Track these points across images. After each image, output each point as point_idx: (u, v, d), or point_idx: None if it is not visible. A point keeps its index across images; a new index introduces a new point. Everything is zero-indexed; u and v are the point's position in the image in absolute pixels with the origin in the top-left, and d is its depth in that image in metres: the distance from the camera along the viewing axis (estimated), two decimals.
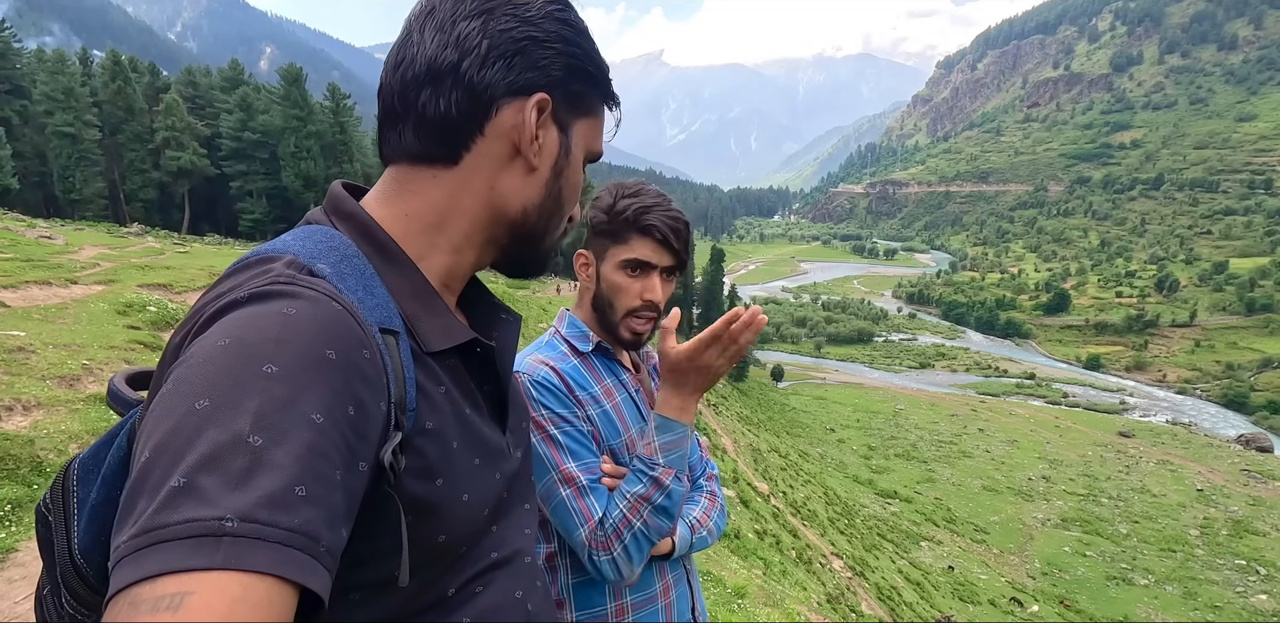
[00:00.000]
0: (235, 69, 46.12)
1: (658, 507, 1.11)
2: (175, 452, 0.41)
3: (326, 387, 0.47)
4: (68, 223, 26.36)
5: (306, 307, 0.50)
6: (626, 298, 1.24)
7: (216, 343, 0.47)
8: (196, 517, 0.38)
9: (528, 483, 0.78)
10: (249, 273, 0.55)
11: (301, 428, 0.44)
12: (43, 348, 4.74)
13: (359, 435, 0.49)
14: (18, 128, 35.29)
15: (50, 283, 7.99)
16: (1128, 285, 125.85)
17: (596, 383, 1.24)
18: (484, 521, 0.65)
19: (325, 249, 0.59)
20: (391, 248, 0.64)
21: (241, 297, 0.51)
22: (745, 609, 5.36)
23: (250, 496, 0.40)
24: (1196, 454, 54.44)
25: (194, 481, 0.40)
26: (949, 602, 23.46)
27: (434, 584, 0.61)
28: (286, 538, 0.40)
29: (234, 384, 0.44)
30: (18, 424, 3.57)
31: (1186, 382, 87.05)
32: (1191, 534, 37.68)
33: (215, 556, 0.37)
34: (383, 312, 0.59)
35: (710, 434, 25.35)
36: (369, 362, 0.52)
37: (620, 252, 1.23)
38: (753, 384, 62.06)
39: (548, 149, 0.67)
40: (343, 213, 0.65)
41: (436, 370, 0.63)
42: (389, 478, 0.52)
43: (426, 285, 0.65)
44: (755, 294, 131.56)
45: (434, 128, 0.63)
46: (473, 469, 0.64)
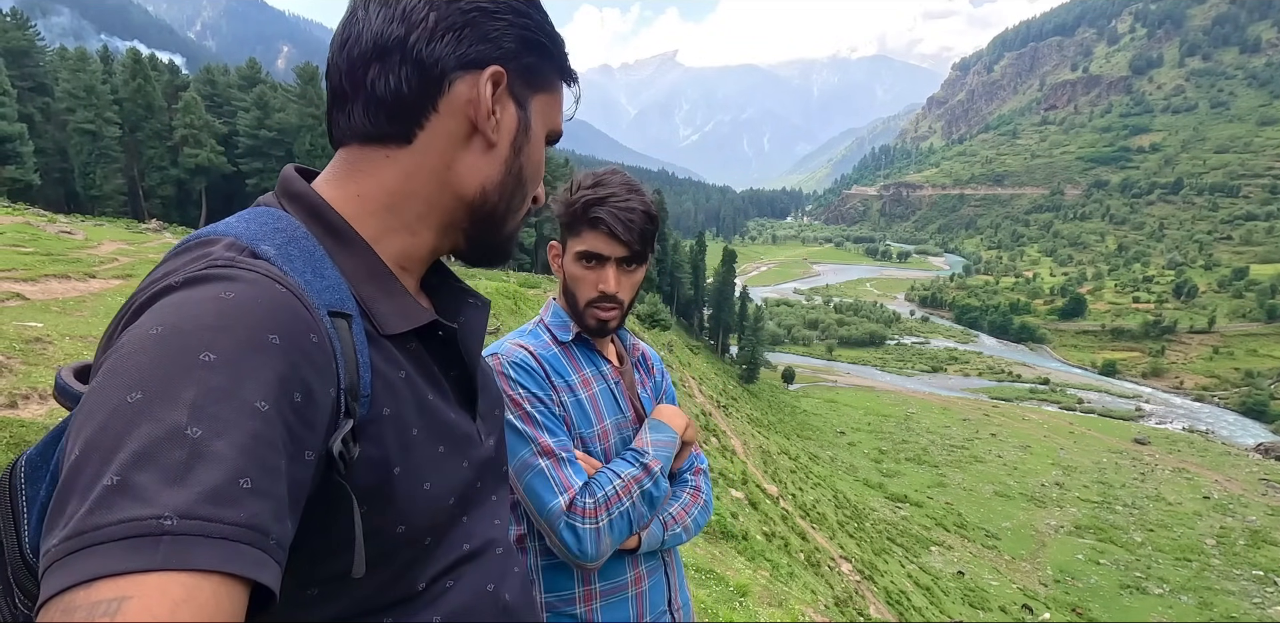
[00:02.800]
0: (253, 68, 46.56)
1: (645, 492, 1.13)
2: (107, 448, 0.39)
3: (270, 373, 0.45)
4: (88, 218, 26.69)
5: (246, 290, 0.48)
6: (584, 289, 1.25)
7: (149, 331, 0.44)
8: (132, 516, 0.36)
9: (499, 472, 0.76)
10: (186, 257, 0.53)
11: (244, 417, 0.42)
12: (59, 339, 4.81)
13: (306, 423, 0.47)
14: (40, 125, 35.81)
15: (69, 277, 8.10)
16: (1145, 291, 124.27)
17: (574, 372, 1.25)
18: (450, 510, 0.63)
19: (270, 230, 0.57)
20: (343, 229, 0.61)
21: (176, 281, 0.48)
22: (747, 608, 5.34)
23: (190, 491, 0.38)
24: (1214, 463, 53.71)
25: (128, 478, 0.38)
26: (959, 608, 23.28)
27: (400, 579, 0.59)
28: (233, 533, 0.38)
29: (168, 374, 0.42)
30: (35, 412, 3.63)
31: (1204, 389, 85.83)
32: (1208, 544, 37.17)
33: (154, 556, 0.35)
34: (333, 294, 0.56)
35: (720, 436, 25.30)
36: (316, 346, 0.50)
37: (575, 244, 1.24)
38: (763, 386, 61.91)
39: (506, 125, 0.65)
40: (291, 194, 0.63)
41: (396, 354, 0.61)
42: (339, 468, 0.50)
43: (382, 267, 0.63)
44: (767, 296, 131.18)
45: (384, 106, 0.60)
46: (436, 457, 0.61)
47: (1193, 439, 62.86)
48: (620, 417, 1.29)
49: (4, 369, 3.97)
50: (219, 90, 44.61)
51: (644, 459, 1.17)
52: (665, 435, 1.22)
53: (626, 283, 1.26)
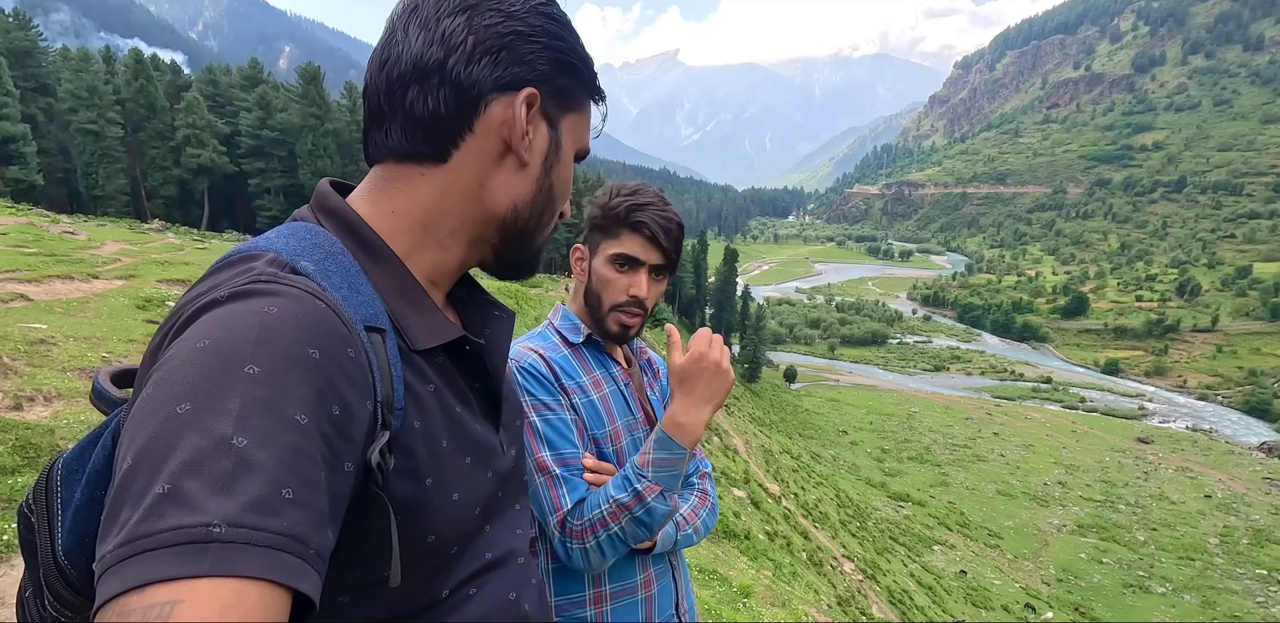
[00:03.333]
0: (255, 68, 46.58)
1: (636, 518, 1.10)
2: (158, 457, 0.41)
3: (309, 387, 0.46)
4: (91, 219, 26.75)
5: (288, 305, 0.49)
6: (614, 292, 1.25)
7: (196, 344, 0.46)
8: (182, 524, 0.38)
9: (521, 482, 0.77)
10: (230, 272, 0.54)
11: (284, 430, 0.43)
12: (64, 341, 4.82)
13: (344, 436, 0.48)
14: (43, 125, 35.85)
15: (72, 277, 8.12)
16: (1148, 289, 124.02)
17: (585, 373, 1.25)
18: (475, 520, 0.65)
19: (309, 246, 0.58)
20: (377, 245, 0.63)
21: (221, 296, 0.50)
22: (750, 609, 5.34)
23: (236, 500, 0.39)
24: (1217, 461, 53.59)
25: (178, 486, 0.39)
26: (961, 606, 23.25)
27: (426, 587, 0.61)
28: (275, 542, 0.40)
29: (215, 387, 0.43)
30: (39, 414, 3.64)
31: (1207, 388, 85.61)
32: (1211, 543, 37.09)
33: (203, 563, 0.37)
34: (368, 309, 0.58)
35: (722, 435, 25.29)
36: (353, 360, 0.51)
37: (610, 246, 1.25)
38: (765, 385, 61.89)
39: (538, 145, 0.66)
40: (328, 210, 0.64)
41: (425, 369, 0.62)
42: (377, 479, 0.52)
43: (413, 283, 0.64)
44: (769, 295, 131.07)
45: (422, 126, 0.62)
46: (463, 468, 0.63)
47: (1196, 438, 62.69)
48: (631, 419, 1.29)
49: (9, 371, 3.97)
50: (221, 90, 44.67)
51: (638, 486, 1.11)
52: (672, 453, 1.14)
53: (654, 291, 1.27)
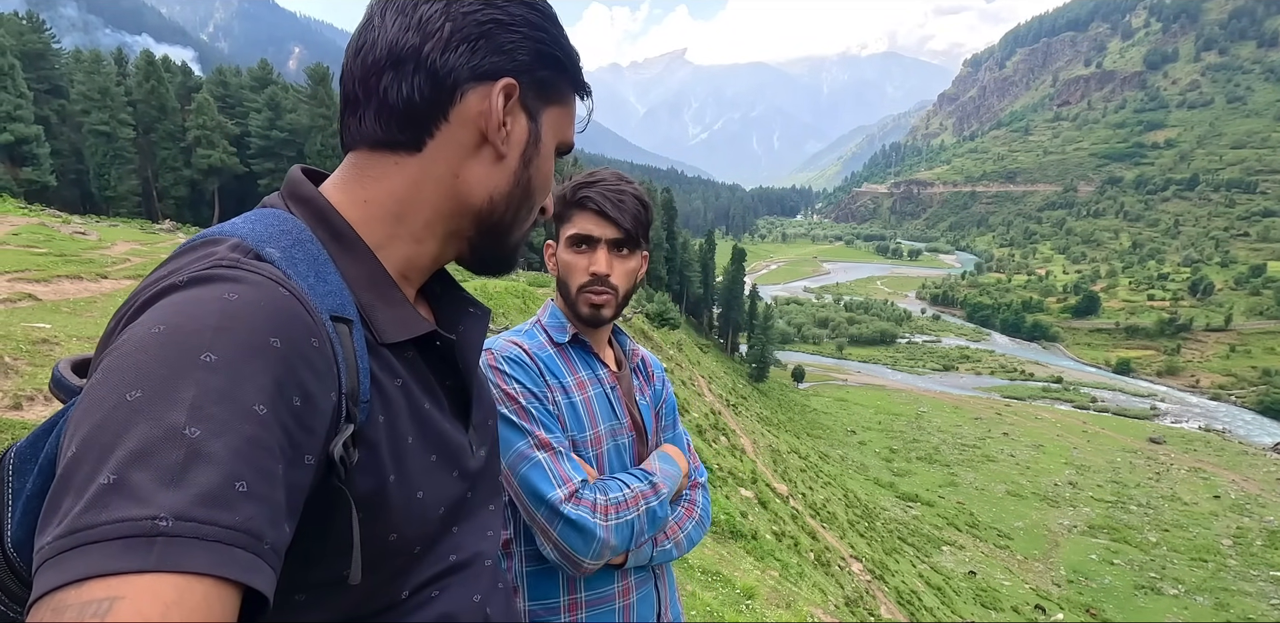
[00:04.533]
0: (264, 69, 46.81)
1: (651, 509, 1.12)
2: (104, 446, 0.39)
3: (269, 376, 0.45)
4: (102, 219, 26.96)
5: (249, 292, 0.48)
6: (576, 274, 1.24)
7: (150, 330, 0.44)
8: (127, 516, 0.36)
9: (493, 483, 0.75)
10: (191, 256, 0.53)
11: (241, 420, 0.42)
12: (67, 340, 4.83)
13: (304, 428, 0.47)
14: (56, 127, 36.16)
15: (81, 277, 8.16)
16: (1160, 288, 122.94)
17: (570, 374, 1.23)
18: (439, 521, 0.63)
19: (276, 233, 0.57)
20: (348, 234, 0.61)
21: (180, 281, 0.48)
22: (754, 610, 5.30)
23: (186, 492, 0.38)
24: (1230, 462, 53.10)
25: (124, 477, 0.37)
26: (970, 608, 23.12)
27: (386, 587, 0.59)
28: (227, 536, 0.38)
29: (169, 374, 0.41)
30: (39, 414, 3.64)
31: (1221, 388, 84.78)
32: (1224, 544, 36.75)
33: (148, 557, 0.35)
34: (335, 299, 0.56)
35: (729, 435, 25.23)
36: (317, 350, 0.50)
37: (566, 230, 1.25)
38: (773, 385, 61.75)
39: (516, 137, 0.65)
40: (299, 197, 0.63)
41: (393, 363, 0.61)
42: (339, 472, 0.50)
43: (384, 274, 0.63)
44: (777, 294, 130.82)
45: (396, 113, 0.61)
46: (428, 466, 0.61)
47: (1209, 438, 62.15)
48: (615, 423, 1.26)
49: (10, 370, 3.98)
50: (231, 91, 44.90)
51: (654, 479, 1.16)
52: (674, 468, 1.21)
53: (620, 269, 1.24)
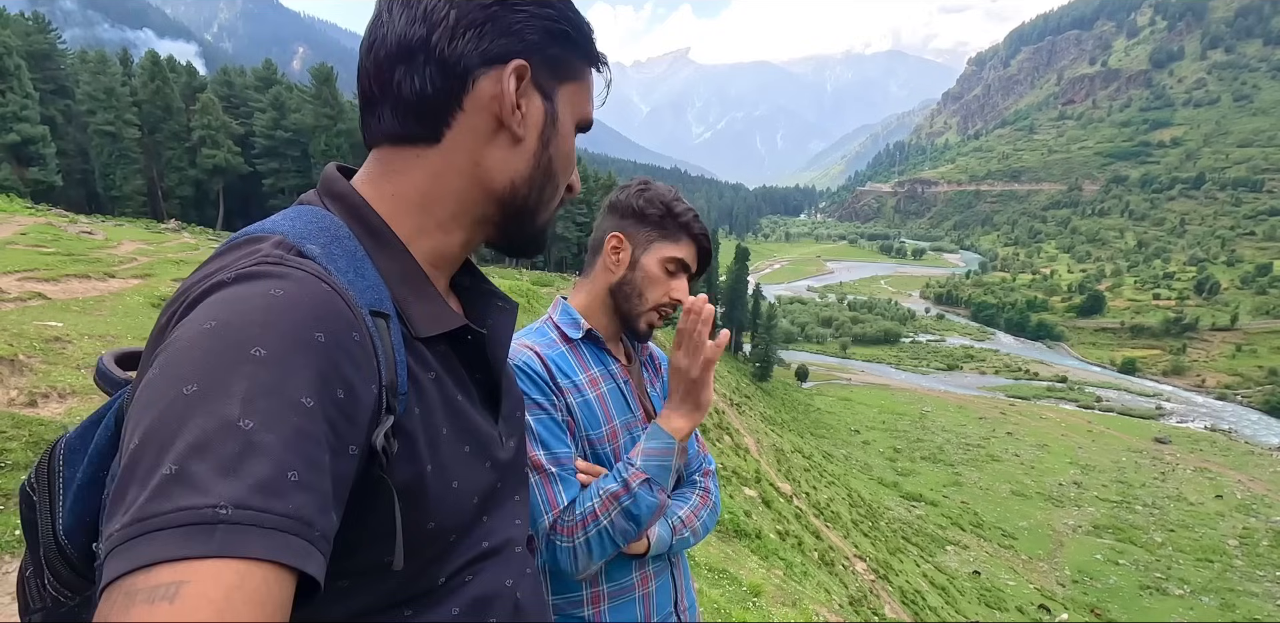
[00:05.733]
0: (269, 69, 46.95)
1: (625, 510, 1.10)
2: (165, 438, 0.41)
3: (314, 370, 0.46)
4: (108, 219, 27.06)
5: (294, 287, 0.49)
6: (658, 292, 1.26)
7: (202, 326, 0.46)
8: (189, 505, 0.38)
9: (521, 474, 0.77)
10: (236, 253, 0.54)
11: (290, 412, 0.43)
12: (78, 338, 4.87)
13: (349, 419, 0.49)
14: (62, 127, 36.32)
15: (89, 276, 8.21)
16: (1166, 287, 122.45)
17: (582, 371, 1.23)
18: (473, 509, 0.65)
19: (315, 229, 0.59)
20: (382, 229, 0.63)
21: (227, 277, 0.50)
22: (760, 608, 5.32)
23: (243, 482, 0.40)
24: (1236, 462, 52.90)
25: (185, 467, 0.39)
26: (975, 607, 23.09)
27: (423, 573, 0.61)
28: (281, 524, 0.40)
29: (221, 368, 0.43)
30: (53, 411, 3.68)
31: (1227, 387, 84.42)
32: (1230, 544, 36.61)
33: (210, 543, 0.37)
34: (374, 294, 0.58)
35: (733, 434, 25.24)
36: (359, 344, 0.51)
37: (668, 249, 1.26)
38: (777, 384, 61.71)
39: (532, 118, 0.65)
40: (334, 193, 0.64)
41: (427, 356, 0.62)
42: (381, 462, 0.52)
43: (417, 269, 0.64)
44: (780, 294, 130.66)
45: (411, 107, 0.61)
46: (463, 457, 0.63)
47: (1215, 438, 61.92)
48: (630, 416, 1.27)
49: (25, 368, 4.02)
50: (236, 91, 45.05)
51: (625, 474, 1.13)
52: (661, 442, 1.17)
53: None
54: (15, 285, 6.80)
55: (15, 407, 3.57)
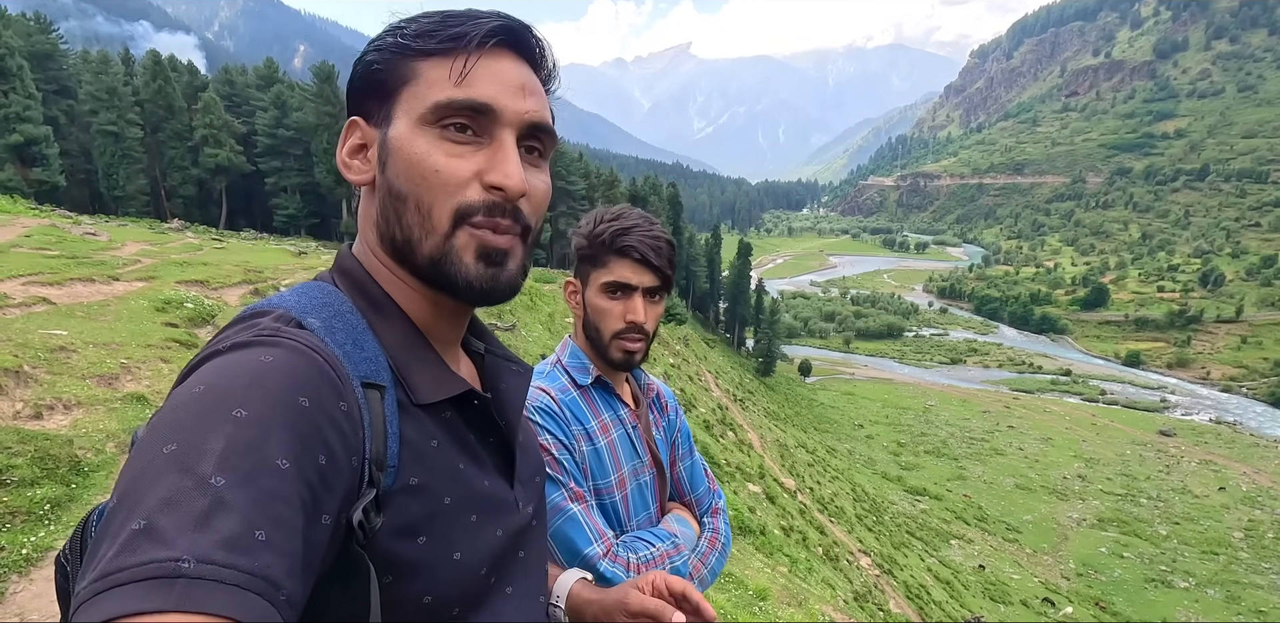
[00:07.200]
0: (270, 67, 46.88)
1: (675, 568, 1.16)
2: (137, 495, 0.41)
3: (294, 433, 0.46)
4: (112, 219, 27.10)
5: (284, 355, 0.50)
6: (611, 320, 1.23)
7: (192, 390, 0.47)
8: (153, 558, 0.38)
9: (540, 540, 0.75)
10: (240, 326, 0.56)
11: (264, 473, 0.43)
12: (83, 347, 4.88)
13: (326, 486, 0.48)
14: (65, 127, 36.32)
15: (94, 280, 8.20)
16: (1170, 280, 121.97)
17: (594, 417, 1.23)
18: (481, 580, 0.63)
19: (319, 304, 0.60)
20: (383, 301, 0.63)
21: (224, 346, 0.52)
22: (766, 612, 5.33)
23: (209, 537, 0.39)
24: (1242, 454, 52.79)
25: (153, 522, 0.39)
26: (979, 601, 23.14)
27: None
28: (245, 582, 0.39)
29: (201, 427, 0.44)
30: (59, 423, 3.69)
31: (1232, 379, 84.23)
32: (1235, 537, 36.59)
33: (169, 597, 0.36)
34: (370, 366, 0.58)
35: (736, 430, 25.27)
36: (345, 414, 0.52)
37: (601, 275, 1.23)
38: (780, 379, 61.69)
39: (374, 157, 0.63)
40: (341, 269, 0.66)
41: (428, 423, 0.61)
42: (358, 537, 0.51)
43: (418, 336, 0.64)
44: (783, 288, 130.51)
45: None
46: (467, 526, 0.61)
47: (1220, 431, 61.78)
48: (637, 462, 1.27)
49: (30, 379, 4.03)
50: (237, 90, 45.03)
51: (676, 541, 1.19)
52: (689, 529, 1.26)
53: (652, 314, 1.25)
54: (20, 290, 6.81)
55: (20, 420, 3.58)
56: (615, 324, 1.23)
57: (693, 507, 1.36)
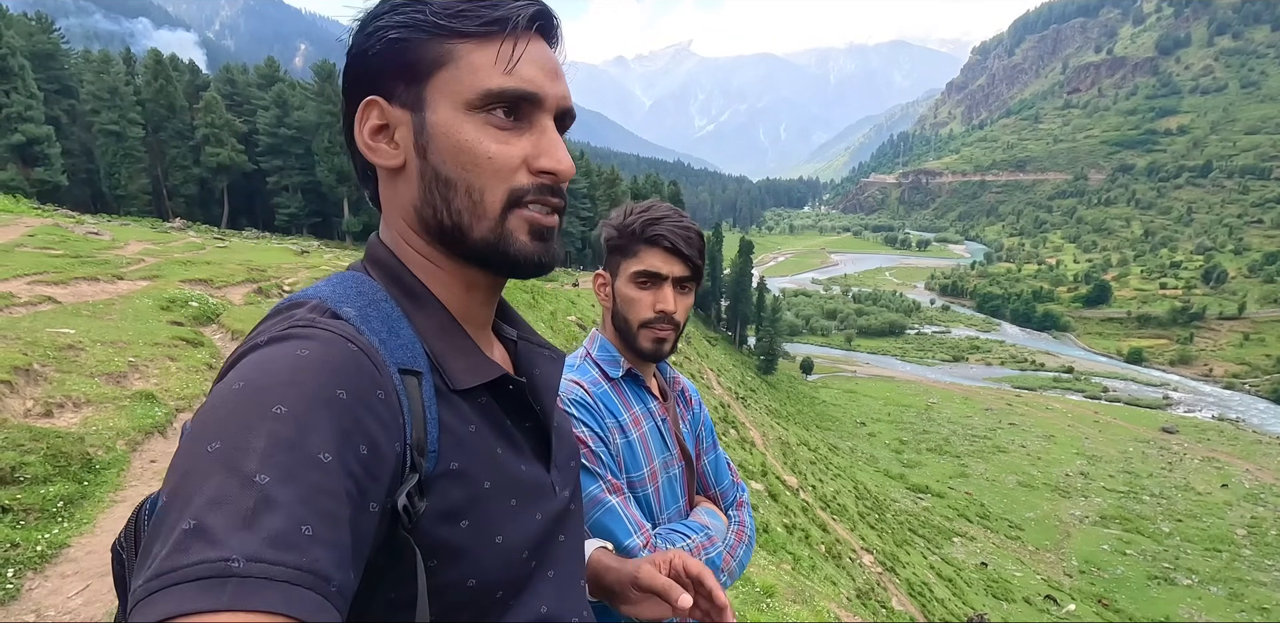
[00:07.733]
0: (271, 66, 46.92)
1: (710, 559, 1.18)
2: (186, 494, 0.42)
3: (335, 426, 0.47)
4: (114, 218, 27.14)
5: (320, 347, 0.51)
6: (640, 310, 1.23)
7: (231, 386, 0.48)
8: (204, 558, 0.39)
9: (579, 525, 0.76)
10: (277, 319, 0.57)
11: (308, 468, 0.44)
12: (91, 345, 4.90)
13: (370, 476, 0.49)
14: (66, 126, 36.39)
15: (98, 279, 8.22)
16: (1172, 277, 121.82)
17: (626, 410, 1.24)
18: (524, 564, 0.63)
19: (354, 293, 0.60)
20: (418, 290, 0.64)
21: (262, 341, 0.53)
22: (774, 609, 5.35)
23: (257, 535, 0.40)
24: (1244, 451, 52.73)
25: (202, 522, 0.40)
26: (982, 599, 23.15)
27: None
28: (295, 577, 0.40)
29: (243, 425, 0.45)
30: (69, 421, 3.71)
31: (1234, 376, 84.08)
32: (1238, 534, 36.56)
33: (222, 597, 0.37)
34: (406, 353, 0.59)
35: (739, 428, 25.30)
36: (383, 402, 0.52)
37: (630, 265, 1.24)
38: (782, 377, 61.70)
39: (404, 140, 0.62)
40: (374, 259, 0.66)
41: (465, 409, 0.62)
42: (404, 522, 0.52)
43: (453, 324, 0.65)
44: (785, 286, 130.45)
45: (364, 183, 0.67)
46: (507, 510, 0.62)
47: (1222, 428, 61.69)
48: (667, 455, 1.28)
49: (39, 377, 4.05)
50: (239, 89, 45.05)
51: (709, 533, 1.21)
52: (719, 522, 1.27)
53: (682, 304, 1.25)
54: (25, 289, 6.83)
55: (32, 418, 3.60)
56: (645, 313, 1.23)
57: (718, 500, 1.37)
